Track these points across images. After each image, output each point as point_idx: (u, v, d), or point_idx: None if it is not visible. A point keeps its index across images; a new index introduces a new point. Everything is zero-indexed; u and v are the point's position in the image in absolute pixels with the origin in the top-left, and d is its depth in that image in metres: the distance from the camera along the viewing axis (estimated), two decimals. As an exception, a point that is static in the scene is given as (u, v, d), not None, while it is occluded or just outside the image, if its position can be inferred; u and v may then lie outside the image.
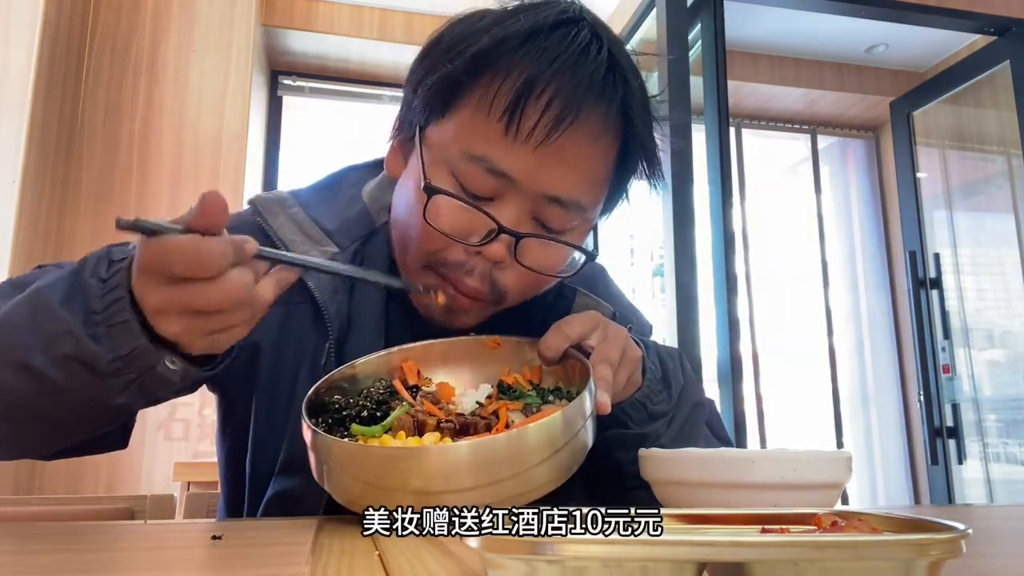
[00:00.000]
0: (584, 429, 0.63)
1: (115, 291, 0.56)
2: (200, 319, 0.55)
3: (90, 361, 0.56)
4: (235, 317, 0.56)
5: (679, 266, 2.42)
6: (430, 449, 0.58)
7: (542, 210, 0.72)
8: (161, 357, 0.57)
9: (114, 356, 0.56)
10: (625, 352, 0.73)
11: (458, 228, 0.71)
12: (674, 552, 0.31)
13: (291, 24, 3.28)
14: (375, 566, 0.43)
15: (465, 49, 0.70)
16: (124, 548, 0.54)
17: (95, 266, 0.58)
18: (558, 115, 0.67)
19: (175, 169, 2.68)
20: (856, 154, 4.18)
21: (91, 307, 0.56)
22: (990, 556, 0.51)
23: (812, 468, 0.59)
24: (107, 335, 0.56)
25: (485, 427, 0.64)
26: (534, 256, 0.73)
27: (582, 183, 0.72)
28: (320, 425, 0.64)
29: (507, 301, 0.76)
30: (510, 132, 0.68)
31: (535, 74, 0.67)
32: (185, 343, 0.57)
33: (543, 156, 0.69)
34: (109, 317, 0.56)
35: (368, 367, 0.73)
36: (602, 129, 0.71)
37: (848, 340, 4.02)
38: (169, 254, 0.53)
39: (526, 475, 0.58)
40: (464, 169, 0.70)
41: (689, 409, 0.81)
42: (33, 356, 0.57)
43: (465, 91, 0.70)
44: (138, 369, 0.57)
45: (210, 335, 0.56)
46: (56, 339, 0.56)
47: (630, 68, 0.73)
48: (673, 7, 2.63)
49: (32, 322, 0.57)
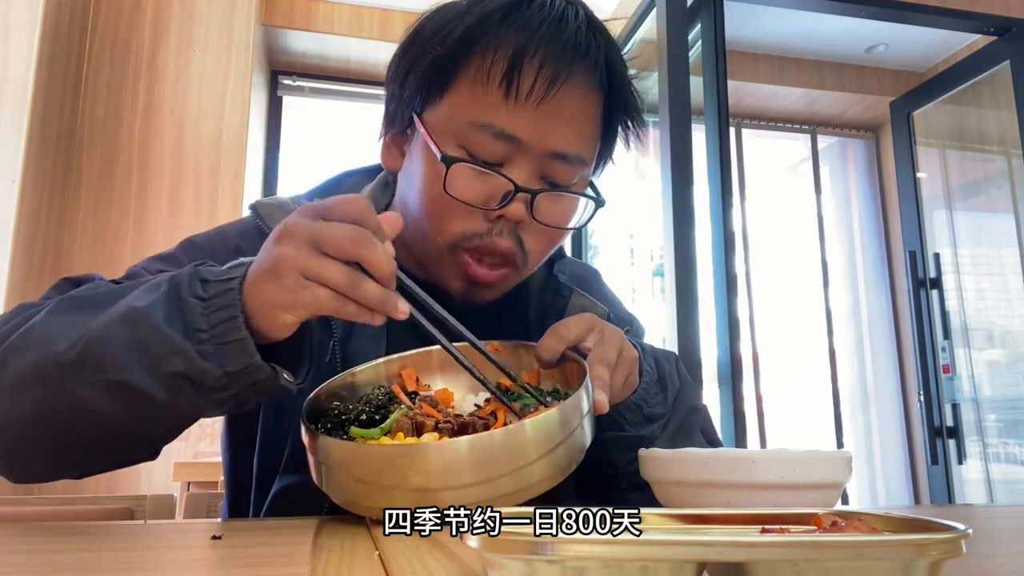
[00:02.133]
0: (581, 427, 0.64)
1: (225, 310, 0.58)
2: (313, 254, 0.56)
3: (199, 378, 0.57)
4: (338, 272, 0.56)
5: (679, 266, 2.42)
6: (428, 446, 0.58)
7: (548, 168, 0.76)
8: (267, 370, 0.59)
9: (223, 372, 0.58)
10: (622, 353, 0.73)
11: (477, 194, 0.74)
12: (674, 552, 0.31)
13: (291, 24, 3.29)
14: (375, 566, 0.43)
15: (451, 32, 0.75)
16: (124, 548, 0.54)
17: (190, 285, 0.59)
18: (552, 74, 0.72)
19: (175, 169, 2.68)
20: (856, 154, 4.18)
21: (196, 325, 0.58)
22: (990, 556, 0.51)
23: (812, 468, 0.59)
24: (216, 352, 0.57)
25: (483, 427, 0.64)
26: (548, 212, 0.77)
27: (580, 137, 0.77)
28: (319, 429, 0.64)
29: (530, 263, 0.80)
30: (510, 96, 0.72)
31: (524, 41, 0.72)
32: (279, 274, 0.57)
33: (543, 114, 0.73)
34: (220, 335, 0.57)
35: (367, 375, 0.74)
36: (591, 84, 0.76)
37: (848, 340, 4.02)
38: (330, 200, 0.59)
39: (524, 471, 0.58)
40: (472, 138, 0.74)
41: (685, 412, 0.82)
42: (134, 374, 0.58)
43: (459, 69, 0.75)
44: (244, 383, 0.59)
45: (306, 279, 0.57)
46: (164, 358, 0.57)
47: (604, 29, 0.79)
48: (673, 7, 2.63)
49: (134, 341, 0.58)
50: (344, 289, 0.57)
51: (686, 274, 2.42)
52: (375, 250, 0.57)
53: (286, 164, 3.54)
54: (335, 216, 0.58)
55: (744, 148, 3.90)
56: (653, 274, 3.28)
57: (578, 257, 3.44)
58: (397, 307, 0.59)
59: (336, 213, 0.58)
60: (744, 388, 2.54)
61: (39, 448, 0.64)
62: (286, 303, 0.58)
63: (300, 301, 0.57)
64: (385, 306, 0.59)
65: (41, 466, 0.67)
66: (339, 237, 0.56)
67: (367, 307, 0.58)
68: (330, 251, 0.57)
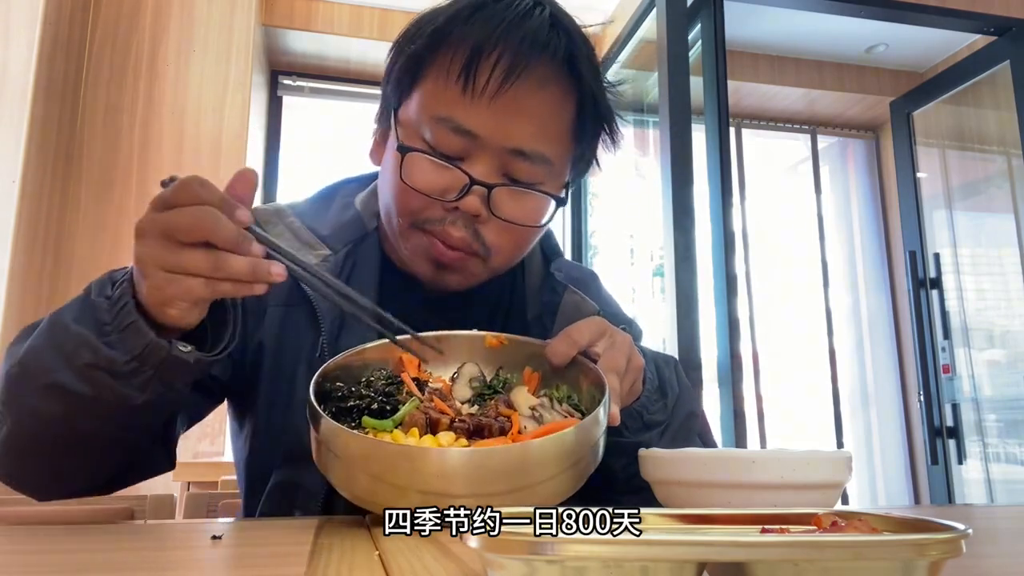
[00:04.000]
0: (599, 442, 0.65)
1: (120, 299, 0.61)
2: (168, 247, 0.57)
3: (109, 366, 0.60)
4: (195, 258, 0.57)
5: (679, 266, 2.42)
6: (452, 452, 0.57)
7: (509, 165, 0.77)
8: (171, 346, 0.60)
9: (130, 356, 0.60)
10: (630, 360, 0.73)
11: (433, 185, 0.76)
12: (674, 552, 0.31)
13: (291, 24, 3.28)
14: (375, 566, 0.43)
15: (423, 31, 0.78)
16: (124, 548, 0.54)
17: (100, 288, 0.63)
18: (508, 67, 0.73)
19: (175, 169, 2.67)
20: (856, 154, 4.18)
21: (102, 320, 0.61)
22: (990, 556, 0.51)
23: (812, 468, 0.59)
24: (120, 340, 0.60)
25: (499, 430, 0.64)
26: (508, 208, 0.78)
27: (541, 135, 0.77)
28: (326, 412, 0.63)
29: (494, 258, 0.80)
30: (467, 90, 0.74)
31: (484, 37, 0.74)
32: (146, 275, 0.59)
33: (499, 109, 0.74)
34: (119, 324, 0.60)
35: (368, 355, 0.73)
36: (551, 77, 0.76)
37: (848, 340, 4.02)
38: (171, 189, 0.58)
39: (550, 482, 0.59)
40: (432, 132, 0.76)
41: (683, 419, 0.83)
42: (58, 373, 0.61)
43: (426, 66, 0.78)
44: (153, 363, 0.61)
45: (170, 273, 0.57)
46: (75, 352, 0.61)
47: (574, 29, 0.79)
48: (673, 7, 2.63)
49: (51, 343, 0.63)
50: (208, 272, 0.58)
51: (686, 274, 2.42)
52: (219, 225, 0.57)
53: (286, 164, 3.54)
54: (177, 202, 0.58)
55: (744, 148, 3.90)
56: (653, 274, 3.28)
57: (578, 257, 3.44)
58: (270, 272, 0.60)
59: (177, 199, 0.58)
60: (744, 388, 2.54)
61: (33, 464, 0.70)
62: (162, 300, 0.59)
63: (173, 295, 0.59)
64: (257, 275, 0.59)
65: (48, 480, 0.73)
66: (184, 224, 0.57)
67: (240, 281, 0.59)
68: (183, 239, 0.57)
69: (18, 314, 2.18)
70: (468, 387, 0.73)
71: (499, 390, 0.72)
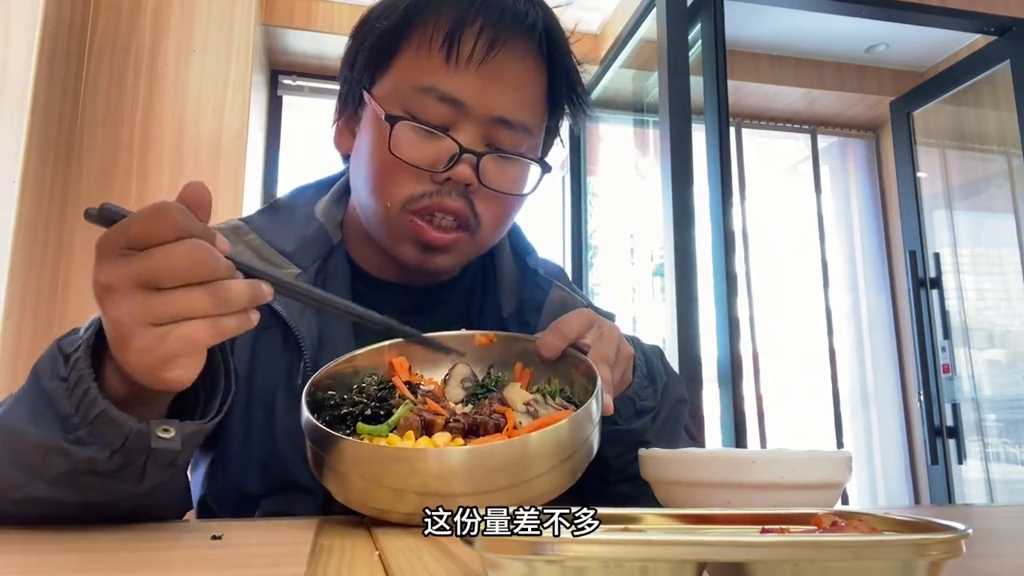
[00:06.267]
0: (594, 433, 0.65)
1: (80, 383, 0.51)
2: (152, 299, 0.48)
3: (89, 467, 0.52)
4: (194, 298, 0.48)
5: (679, 266, 2.42)
6: (451, 451, 0.57)
7: (493, 133, 0.77)
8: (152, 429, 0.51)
9: (111, 451, 0.51)
10: (619, 350, 0.74)
11: (423, 156, 0.75)
12: (674, 552, 0.31)
13: (291, 24, 3.28)
14: (375, 566, 0.43)
15: (395, 7, 0.78)
16: (124, 548, 0.54)
17: (51, 368, 0.53)
18: (492, 37, 0.75)
19: (175, 169, 2.68)
20: (856, 154, 4.17)
21: (63, 411, 0.51)
22: (990, 556, 0.51)
23: (812, 468, 0.59)
24: (91, 434, 0.51)
25: (494, 427, 0.64)
26: (497, 177, 0.78)
27: (523, 104, 0.79)
28: (320, 421, 0.63)
29: (483, 231, 0.80)
30: (451, 59, 0.75)
31: (464, 7, 0.75)
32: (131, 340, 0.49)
33: (485, 77, 0.75)
34: (85, 416, 0.50)
35: (358, 361, 0.73)
36: (530, 49, 0.79)
37: (848, 340, 4.02)
38: (127, 221, 0.48)
39: (545, 477, 0.59)
40: (417, 102, 0.76)
41: (672, 404, 0.83)
42: (31, 487, 0.53)
43: (403, 41, 0.78)
44: (142, 451, 0.52)
45: (162, 327, 0.48)
46: (44, 464, 0.51)
47: (545, 3, 0.81)
48: (673, 7, 2.63)
49: (10, 457, 0.53)
50: (212, 310, 0.49)
51: (686, 274, 2.42)
52: (216, 261, 0.49)
53: (286, 164, 3.54)
54: (154, 238, 0.48)
55: (744, 148, 3.89)
56: (653, 274, 3.28)
57: (578, 257, 3.44)
58: (263, 292, 0.53)
59: (155, 234, 0.48)
60: (744, 388, 2.54)
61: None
62: (156, 363, 0.49)
63: (171, 353, 0.49)
64: (256, 299, 0.52)
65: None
66: (176, 267, 0.48)
67: (242, 311, 0.51)
68: (169, 284, 0.48)
69: (18, 314, 2.18)
70: (460, 388, 0.73)
71: (492, 388, 0.72)
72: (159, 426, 0.52)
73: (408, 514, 0.58)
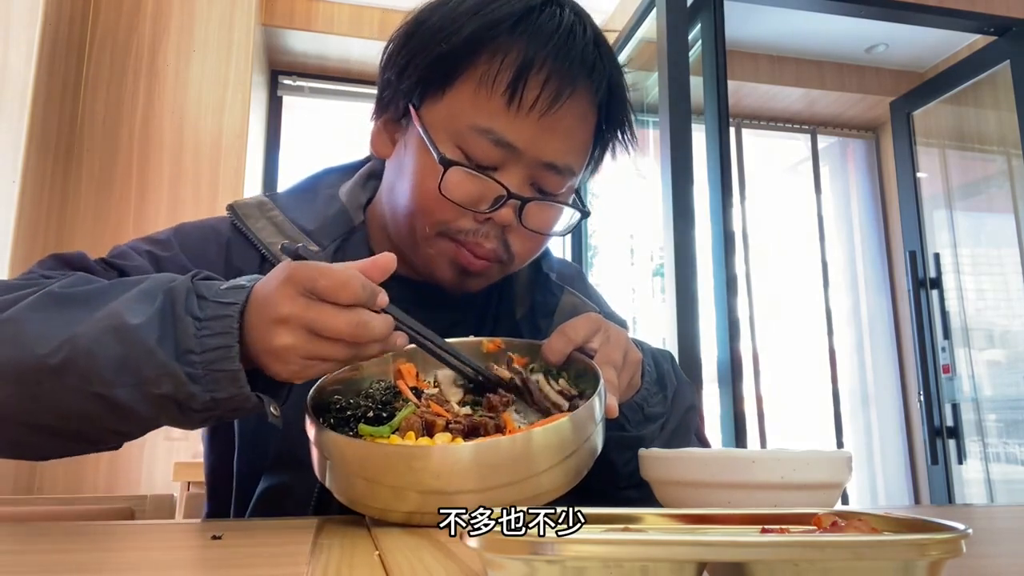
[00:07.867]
0: (596, 433, 0.64)
1: (220, 337, 0.58)
2: (313, 341, 0.58)
3: (186, 400, 0.58)
4: (340, 350, 0.59)
5: (679, 266, 2.42)
6: (455, 448, 0.58)
7: (540, 176, 0.78)
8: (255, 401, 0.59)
9: (210, 397, 0.58)
10: (627, 355, 0.73)
11: (469, 196, 0.76)
12: (674, 552, 0.31)
13: (291, 24, 3.28)
14: (375, 566, 0.43)
15: (457, 31, 0.75)
16: (124, 548, 0.54)
17: (186, 301, 0.59)
18: (557, 89, 0.74)
19: (175, 169, 2.68)
20: (856, 154, 4.18)
21: (187, 346, 0.57)
22: (990, 556, 0.51)
23: (812, 468, 0.59)
24: (206, 377, 0.57)
25: (495, 428, 0.64)
26: (536, 219, 0.79)
27: (573, 150, 0.79)
28: (324, 424, 0.64)
29: (514, 264, 0.82)
30: (512, 105, 0.73)
31: (532, 53, 0.73)
32: (283, 360, 0.58)
33: (543, 127, 0.75)
34: (210, 361, 0.57)
35: (367, 368, 0.74)
36: (592, 102, 0.79)
37: (848, 340, 4.02)
38: (320, 272, 0.58)
39: (544, 475, 0.59)
40: (470, 141, 0.75)
41: (683, 412, 0.84)
42: (118, 390, 0.57)
43: (463, 70, 0.75)
44: (229, 408, 0.59)
45: (310, 360, 0.59)
46: (154, 380, 0.57)
47: (609, 48, 0.81)
48: (673, 7, 2.63)
49: (124, 359, 0.57)
50: (346, 359, 0.61)
51: (686, 274, 2.42)
52: (372, 332, 0.59)
53: (286, 164, 3.54)
54: (328, 297, 0.58)
55: (744, 148, 3.90)
56: (653, 274, 3.28)
57: (578, 257, 3.44)
58: (396, 345, 0.63)
59: (329, 295, 0.58)
60: (744, 388, 2.54)
61: (6, 435, 0.63)
62: (291, 375, 0.60)
63: (304, 375, 0.60)
64: (385, 350, 0.63)
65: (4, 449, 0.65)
66: (340, 330, 0.58)
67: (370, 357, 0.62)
68: (329, 336, 0.58)
69: (18, 314, 2.18)
70: (455, 387, 0.73)
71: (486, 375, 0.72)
72: (272, 403, 0.61)
73: (409, 513, 0.58)
